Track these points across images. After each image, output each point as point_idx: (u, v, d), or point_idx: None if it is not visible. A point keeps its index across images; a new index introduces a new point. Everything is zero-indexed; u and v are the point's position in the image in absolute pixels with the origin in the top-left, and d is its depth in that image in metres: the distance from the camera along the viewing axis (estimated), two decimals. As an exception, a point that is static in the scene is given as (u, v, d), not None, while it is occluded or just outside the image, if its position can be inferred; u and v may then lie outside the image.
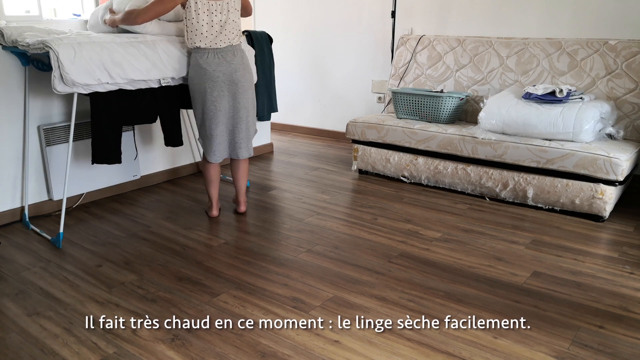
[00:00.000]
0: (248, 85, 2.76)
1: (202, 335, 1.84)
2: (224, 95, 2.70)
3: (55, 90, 2.42)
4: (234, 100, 2.73)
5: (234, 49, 2.70)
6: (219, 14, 2.62)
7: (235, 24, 2.68)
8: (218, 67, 2.66)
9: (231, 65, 2.68)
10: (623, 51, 3.19)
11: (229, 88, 2.70)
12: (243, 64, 2.73)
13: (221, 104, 2.70)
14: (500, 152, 3.08)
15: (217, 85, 2.67)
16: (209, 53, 2.65)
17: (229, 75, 2.68)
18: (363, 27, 4.60)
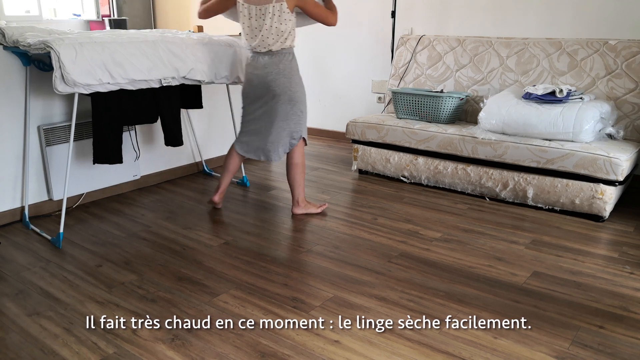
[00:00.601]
0: (281, 91, 2.75)
1: (202, 335, 1.84)
2: (256, 98, 2.80)
3: (57, 90, 2.42)
4: (265, 105, 2.80)
5: (274, 54, 2.72)
6: (258, 19, 2.65)
7: (276, 30, 2.65)
8: (255, 71, 2.76)
9: (265, 70, 2.73)
10: (623, 51, 3.19)
11: (261, 92, 2.78)
12: (279, 70, 2.73)
13: (253, 106, 2.83)
14: (500, 152, 3.08)
15: (252, 88, 2.80)
16: (251, 55, 2.78)
17: (262, 79, 2.74)
18: (363, 27, 4.60)
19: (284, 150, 2.87)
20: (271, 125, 2.81)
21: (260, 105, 2.81)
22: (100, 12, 6.25)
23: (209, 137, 3.91)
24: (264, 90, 2.77)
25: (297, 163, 2.90)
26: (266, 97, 2.78)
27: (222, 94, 3.87)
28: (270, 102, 2.78)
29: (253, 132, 2.87)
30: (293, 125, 2.83)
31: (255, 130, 2.86)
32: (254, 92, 2.79)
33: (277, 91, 2.75)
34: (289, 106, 2.78)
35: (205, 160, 3.89)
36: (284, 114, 2.79)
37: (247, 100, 2.86)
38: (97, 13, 6.25)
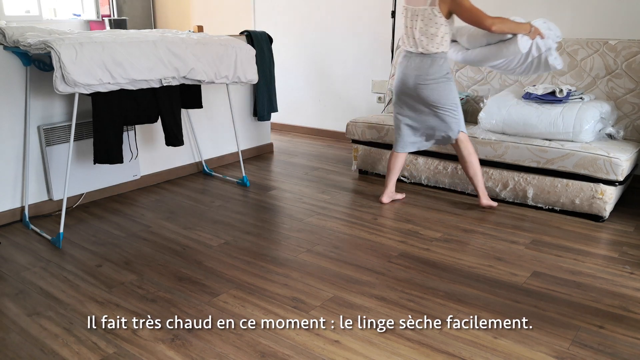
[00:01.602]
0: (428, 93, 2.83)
1: (202, 335, 1.84)
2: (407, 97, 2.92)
3: (57, 90, 2.42)
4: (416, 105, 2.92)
5: (425, 57, 2.80)
6: (412, 20, 2.76)
7: (426, 32, 2.74)
8: (406, 70, 2.86)
9: (416, 71, 2.83)
10: (623, 51, 3.19)
11: (410, 92, 2.89)
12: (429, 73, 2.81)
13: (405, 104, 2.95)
14: (500, 152, 3.08)
15: (404, 87, 2.90)
16: (404, 55, 2.89)
17: (413, 80, 2.84)
18: (363, 27, 4.60)
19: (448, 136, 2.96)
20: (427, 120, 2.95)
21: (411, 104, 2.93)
22: (100, 12, 6.25)
23: (209, 137, 3.91)
24: (413, 90, 2.87)
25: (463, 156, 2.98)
26: (415, 98, 2.89)
27: (222, 94, 3.87)
28: (420, 103, 2.90)
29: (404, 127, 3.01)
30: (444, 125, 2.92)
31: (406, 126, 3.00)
32: (405, 91, 2.91)
33: (425, 93, 2.85)
34: (435, 108, 2.88)
35: (205, 160, 3.89)
36: (434, 115, 2.91)
37: (400, 100, 2.97)
38: (97, 13, 6.25)
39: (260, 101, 4.22)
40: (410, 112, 2.97)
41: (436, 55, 2.79)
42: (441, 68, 2.81)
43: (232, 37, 3.26)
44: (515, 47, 2.73)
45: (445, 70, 2.83)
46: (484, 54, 2.85)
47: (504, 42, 2.78)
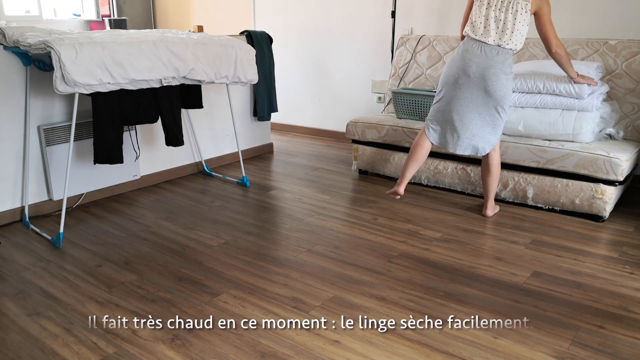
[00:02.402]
0: (494, 89, 2.65)
1: (202, 335, 1.84)
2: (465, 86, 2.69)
3: (57, 90, 2.42)
4: (473, 96, 2.69)
5: (500, 51, 2.63)
6: (496, 10, 2.60)
7: (511, 26, 2.59)
8: (475, 58, 2.64)
9: (488, 62, 2.63)
10: (623, 51, 3.19)
11: (474, 82, 2.67)
12: (501, 68, 2.64)
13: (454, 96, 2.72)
14: (500, 152, 3.07)
15: (465, 75, 2.67)
16: (473, 44, 2.66)
17: (481, 70, 2.64)
18: (363, 27, 4.60)
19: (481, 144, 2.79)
20: (469, 118, 2.74)
21: (466, 96, 2.70)
22: (100, 12, 6.25)
23: (209, 137, 3.91)
24: (479, 80, 2.65)
25: (490, 165, 2.87)
26: (477, 88, 2.67)
27: (222, 94, 3.87)
28: (480, 96, 2.68)
29: (448, 120, 2.77)
30: (486, 131, 2.76)
31: (452, 119, 2.76)
32: (465, 81, 2.68)
33: (494, 85, 2.65)
34: (496, 105, 2.70)
35: (205, 160, 3.89)
36: (487, 114, 2.73)
37: (453, 90, 2.72)
38: (97, 13, 6.25)
39: (260, 101, 4.22)
40: (459, 106, 2.72)
41: (511, 51, 2.65)
42: (511, 65, 2.69)
43: (232, 37, 3.26)
44: (580, 90, 2.90)
45: (512, 69, 2.72)
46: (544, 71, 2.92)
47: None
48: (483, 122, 2.74)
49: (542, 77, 3.01)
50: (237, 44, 3.18)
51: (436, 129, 2.86)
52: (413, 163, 2.87)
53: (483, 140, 2.78)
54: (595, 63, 3.05)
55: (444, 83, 2.78)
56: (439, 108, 2.82)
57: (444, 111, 2.80)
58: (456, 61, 2.73)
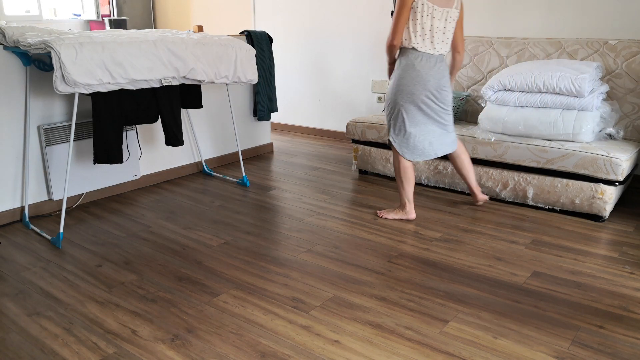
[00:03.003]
0: (447, 93, 2.76)
1: (202, 335, 1.84)
2: (432, 100, 2.73)
3: (57, 90, 2.42)
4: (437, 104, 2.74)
5: (442, 58, 2.71)
6: (440, 21, 2.62)
7: (449, 34, 2.68)
8: (430, 72, 2.67)
9: (440, 72, 2.70)
10: (623, 51, 3.19)
11: (435, 95, 2.71)
12: (446, 74, 2.74)
13: (427, 106, 2.73)
14: (500, 152, 3.08)
15: (427, 90, 2.69)
16: (422, 57, 2.66)
17: (438, 81, 2.69)
18: (363, 26, 4.61)
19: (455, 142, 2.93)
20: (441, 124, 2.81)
21: (433, 107, 2.75)
22: (100, 12, 6.25)
23: (209, 137, 3.91)
24: (437, 94, 2.72)
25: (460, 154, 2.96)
26: (436, 102, 2.73)
27: (222, 94, 3.87)
28: (436, 109, 2.75)
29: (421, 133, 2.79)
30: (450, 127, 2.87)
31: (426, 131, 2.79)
32: (428, 96, 2.71)
33: (447, 97, 2.75)
34: (448, 112, 2.81)
35: (205, 160, 3.89)
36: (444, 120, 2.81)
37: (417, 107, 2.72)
38: (97, 13, 6.25)
39: (260, 101, 4.22)
40: (426, 120, 2.77)
41: (444, 57, 2.76)
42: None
43: (232, 37, 3.26)
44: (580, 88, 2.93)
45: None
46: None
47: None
48: (445, 126, 2.83)
49: (542, 76, 3.01)
50: (237, 44, 3.18)
51: (412, 148, 2.80)
52: (410, 183, 2.87)
53: (451, 139, 2.88)
54: (595, 63, 3.05)
55: (408, 102, 2.72)
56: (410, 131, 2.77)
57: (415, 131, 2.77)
58: (413, 78, 2.68)
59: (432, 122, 2.78)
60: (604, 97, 3.06)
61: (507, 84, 3.13)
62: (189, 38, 2.94)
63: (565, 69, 2.99)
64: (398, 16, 2.59)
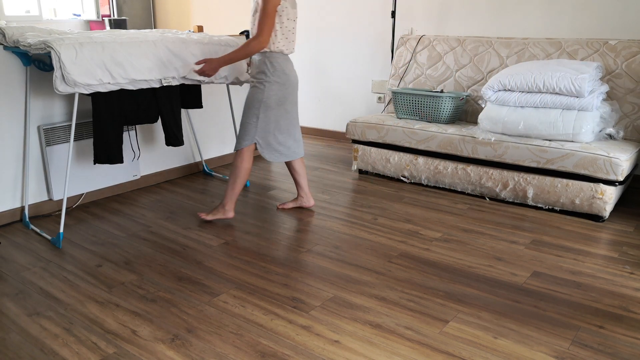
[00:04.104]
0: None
1: (202, 335, 1.84)
2: (294, 101, 2.82)
3: (57, 90, 2.42)
4: (295, 104, 2.84)
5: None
6: (295, 21, 2.66)
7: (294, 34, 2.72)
8: (293, 73, 2.74)
9: (294, 72, 2.76)
10: (623, 51, 3.19)
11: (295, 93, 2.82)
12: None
13: (293, 108, 2.82)
14: (500, 152, 3.08)
15: (293, 90, 2.77)
16: (287, 59, 2.71)
17: (296, 80, 2.79)
18: (363, 27, 4.61)
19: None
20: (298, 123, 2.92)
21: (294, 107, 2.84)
22: (100, 12, 6.26)
23: (209, 137, 3.91)
24: (296, 91, 2.83)
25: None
26: (295, 98, 2.84)
27: (222, 94, 3.87)
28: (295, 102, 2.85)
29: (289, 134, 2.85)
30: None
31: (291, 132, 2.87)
32: (294, 94, 2.79)
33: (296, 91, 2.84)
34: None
35: (205, 160, 3.89)
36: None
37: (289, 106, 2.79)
38: (97, 13, 6.25)
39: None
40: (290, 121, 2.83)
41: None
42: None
43: (232, 37, 3.26)
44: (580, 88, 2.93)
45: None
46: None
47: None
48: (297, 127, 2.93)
49: (542, 76, 3.01)
50: (237, 44, 3.18)
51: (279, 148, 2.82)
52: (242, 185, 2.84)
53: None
54: (595, 63, 3.05)
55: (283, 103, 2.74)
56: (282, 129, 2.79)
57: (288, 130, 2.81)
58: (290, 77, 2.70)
59: (295, 123, 2.87)
60: (604, 97, 3.06)
61: (507, 84, 3.14)
62: (189, 38, 2.94)
63: (565, 69, 3.00)
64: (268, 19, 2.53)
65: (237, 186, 2.82)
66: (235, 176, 2.80)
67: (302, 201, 3.09)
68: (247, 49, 2.58)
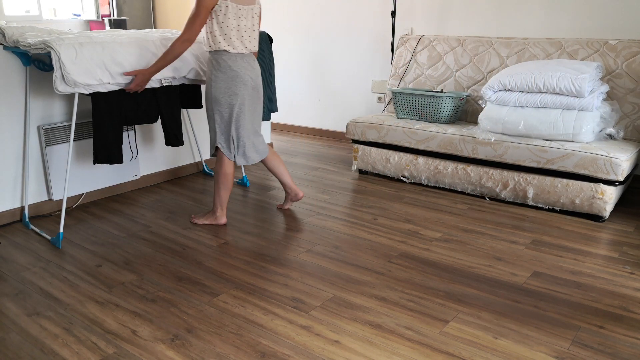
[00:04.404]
0: (262, 90, 2.80)
1: (202, 335, 1.84)
2: (256, 101, 2.75)
3: (57, 90, 2.42)
4: (256, 104, 2.77)
5: (252, 55, 2.70)
6: (247, 19, 2.61)
7: (256, 31, 2.68)
8: (251, 73, 2.66)
9: (256, 71, 2.70)
10: (623, 51, 3.19)
11: (258, 94, 2.75)
12: (259, 70, 2.75)
13: (247, 107, 2.70)
14: (500, 152, 3.08)
15: (253, 91, 2.70)
16: (240, 57, 2.62)
17: (256, 80, 2.71)
18: (363, 27, 4.60)
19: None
20: (259, 122, 2.85)
21: (257, 107, 2.78)
22: (100, 12, 6.25)
23: (208, 137, 3.91)
24: (259, 91, 2.76)
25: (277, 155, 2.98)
26: (259, 97, 2.77)
27: (222, 94, 3.87)
28: (259, 103, 2.80)
29: (249, 135, 2.75)
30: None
31: (250, 133, 2.76)
32: (255, 95, 2.73)
33: (261, 90, 2.77)
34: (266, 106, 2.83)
35: (205, 160, 3.89)
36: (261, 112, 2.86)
37: (240, 103, 2.66)
38: (97, 13, 6.25)
39: (260, 101, 4.21)
40: (252, 120, 2.76)
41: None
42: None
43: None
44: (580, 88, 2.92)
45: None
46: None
47: None
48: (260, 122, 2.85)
49: (542, 76, 3.01)
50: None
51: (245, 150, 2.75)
52: (227, 190, 2.80)
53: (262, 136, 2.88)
54: (595, 63, 3.05)
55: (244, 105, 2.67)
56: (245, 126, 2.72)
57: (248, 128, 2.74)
58: (232, 77, 2.61)
59: (255, 124, 2.80)
60: (604, 97, 3.06)
61: (507, 84, 3.14)
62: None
63: (565, 69, 3.00)
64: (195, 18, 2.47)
65: (221, 192, 2.78)
66: (216, 182, 2.78)
67: (290, 197, 3.06)
68: (171, 51, 2.54)
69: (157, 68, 2.61)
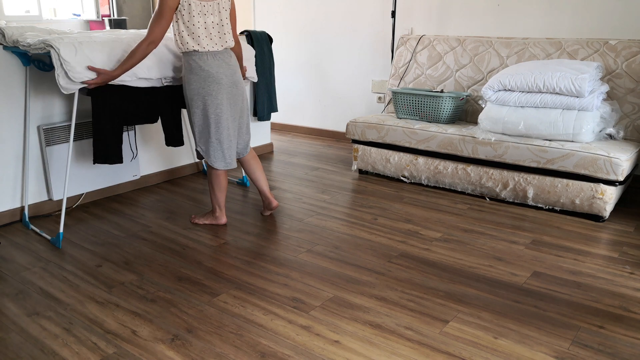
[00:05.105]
0: (242, 85, 2.71)
1: (202, 335, 1.84)
2: (233, 100, 2.65)
3: (61, 87, 2.41)
4: (236, 103, 2.68)
5: (228, 51, 2.62)
6: (214, 15, 2.53)
7: (227, 25, 2.59)
8: (225, 71, 2.58)
9: (231, 68, 2.61)
10: (623, 51, 3.19)
11: (235, 92, 2.65)
12: (237, 66, 2.67)
13: (226, 107, 2.61)
14: (501, 152, 3.08)
15: (226, 90, 2.59)
16: (210, 56, 2.54)
17: (231, 77, 2.61)
18: (363, 27, 4.60)
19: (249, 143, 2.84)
20: (243, 121, 2.77)
21: (237, 104, 2.68)
22: (100, 12, 6.25)
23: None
24: (238, 89, 2.66)
25: (256, 161, 2.92)
26: (238, 98, 2.68)
27: (222, 94, 3.87)
28: (240, 100, 2.70)
29: (228, 137, 2.66)
30: (247, 127, 2.83)
31: (230, 134, 2.68)
32: (234, 92, 2.64)
33: (241, 86, 2.68)
34: (247, 106, 2.77)
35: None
36: (247, 113, 2.80)
37: (214, 103, 2.58)
38: (97, 13, 6.25)
39: (260, 101, 4.22)
40: (233, 120, 2.68)
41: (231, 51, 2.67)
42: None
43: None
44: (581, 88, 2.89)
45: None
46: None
47: None
48: (243, 121, 2.77)
49: (542, 76, 3.02)
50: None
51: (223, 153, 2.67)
52: (222, 190, 2.78)
53: (248, 131, 2.84)
54: (595, 63, 3.05)
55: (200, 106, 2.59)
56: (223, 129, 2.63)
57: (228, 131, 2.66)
58: (204, 77, 2.54)
59: (241, 122, 2.75)
60: (604, 97, 3.06)
61: (507, 84, 3.14)
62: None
63: (565, 69, 3.00)
64: (158, 19, 2.41)
65: (216, 193, 2.77)
66: (210, 184, 2.77)
67: (264, 205, 2.97)
68: (135, 53, 2.47)
69: (122, 70, 2.51)
